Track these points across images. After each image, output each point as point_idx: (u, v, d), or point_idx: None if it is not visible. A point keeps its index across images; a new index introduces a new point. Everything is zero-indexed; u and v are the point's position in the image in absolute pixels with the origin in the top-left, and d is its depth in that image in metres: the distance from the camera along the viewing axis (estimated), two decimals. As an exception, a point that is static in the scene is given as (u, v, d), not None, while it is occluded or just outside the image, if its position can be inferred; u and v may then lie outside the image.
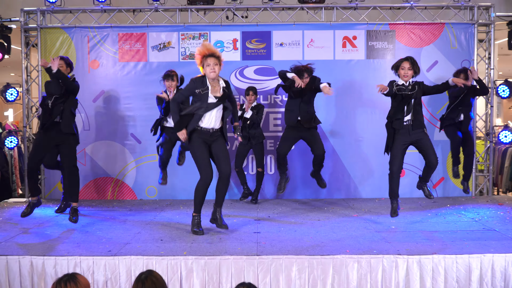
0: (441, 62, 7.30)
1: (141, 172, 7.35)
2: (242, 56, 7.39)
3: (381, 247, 4.53)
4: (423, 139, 5.37)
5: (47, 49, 7.36)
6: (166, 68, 7.25)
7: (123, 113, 7.35)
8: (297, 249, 4.45)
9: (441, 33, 7.36)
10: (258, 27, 7.36)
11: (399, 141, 5.36)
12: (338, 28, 7.36)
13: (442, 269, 4.22)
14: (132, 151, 7.37)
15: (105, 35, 7.37)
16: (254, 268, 4.20)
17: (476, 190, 7.43)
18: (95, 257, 4.26)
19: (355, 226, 5.44)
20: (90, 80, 7.34)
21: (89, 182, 7.37)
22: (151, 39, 7.38)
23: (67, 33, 7.36)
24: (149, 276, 2.88)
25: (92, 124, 7.37)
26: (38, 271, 4.21)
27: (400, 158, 5.37)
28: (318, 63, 6.46)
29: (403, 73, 5.31)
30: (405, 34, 7.39)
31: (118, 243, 4.70)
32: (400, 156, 5.37)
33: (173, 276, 4.19)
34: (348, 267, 4.21)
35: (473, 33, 7.35)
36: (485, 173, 7.62)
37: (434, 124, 7.19)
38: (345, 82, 7.28)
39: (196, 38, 7.39)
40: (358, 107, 7.35)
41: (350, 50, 7.38)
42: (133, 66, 7.40)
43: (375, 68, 7.38)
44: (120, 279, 4.22)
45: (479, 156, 7.60)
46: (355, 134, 7.38)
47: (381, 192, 7.34)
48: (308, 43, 7.37)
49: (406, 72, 5.29)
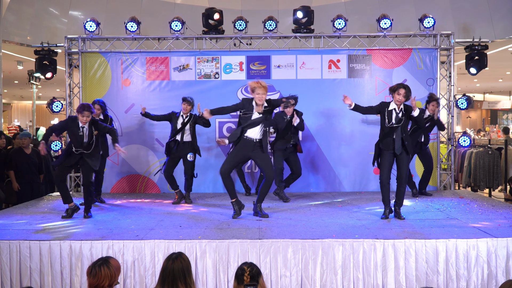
0: (409, 80, 7.17)
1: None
2: (247, 75, 7.31)
3: (361, 232, 4.40)
4: (402, 157, 5.02)
5: (87, 70, 7.29)
6: (186, 85, 7.22)
7: (149, 122, 7.23)
8: (292, 234, 4.33)
9: (409, 56, 7.27)
10: (260, 52, 7.29)
11: (385, 156, 5.04)
12: (325, 53, 7.28)
13: (413, 252, 4.08)
14: (156, 152, 7.26)
15: (135, 59, 7.30)
16: (257, 250, 4.09)
17: (440, 185, 7.31)
18: (125, 241, 4.14)
19: (339, 215, 5.31)
20: (123, 95, 7.27)
21: (121, 179, 7.27)
22: (172, 62, 7.30)
23: (104, 56, 7.29)
24: (179, 257, 2.82)
25: (124, 131, 7.27)
26: (76, 253, 4.09)
27: (388, 169, 5.03)
28: (308, 81, 6.45)
29: (398, 98, 4.90)
30: (379, 58, 7.30)
31: (144, 229, 4.58)
32: (387, 167, 5.03)
33: (190, 256, 4.06)
34: (334, 249, 4.09)
35: (436, 56, 7.25)
36: (448, 171, 7.49)
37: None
38: (330, 97, 7.20)
39: (209, 61, 7.32)
40: (341, 117, 7.25)
41: (334, 70, 7.29)
42: (158, 84, 7.31)
43: (355, 85, 7.30)
44: (146, 259, 4.10)
45: (443, 157, 7.48)
46: (339, 138, 7.28)
47: (361, 187, 7.25)
48: (300, 65, 7.28)
49: (401, 98, 4.90)
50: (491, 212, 5.32)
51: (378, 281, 4.06)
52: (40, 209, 5.73)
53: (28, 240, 4.15)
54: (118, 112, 7.17)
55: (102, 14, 9.35)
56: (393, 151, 5.00)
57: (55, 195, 6.87)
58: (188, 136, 6.08)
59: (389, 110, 4.99)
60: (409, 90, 4.92)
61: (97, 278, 2.74)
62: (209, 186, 7.28)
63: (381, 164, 5.09)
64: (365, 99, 7.05)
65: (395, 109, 4.97)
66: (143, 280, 4.08)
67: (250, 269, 2.65)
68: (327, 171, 7.28)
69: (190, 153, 6.02)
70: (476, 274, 4.06)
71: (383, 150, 5.05)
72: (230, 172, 5.09)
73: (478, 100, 21.52)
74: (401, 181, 5.07)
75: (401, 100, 4.92)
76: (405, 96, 4.91)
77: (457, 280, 4.07)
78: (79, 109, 5.12)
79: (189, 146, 6.08)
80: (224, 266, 4.08)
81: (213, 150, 7.30)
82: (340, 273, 4.06)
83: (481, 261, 4.06)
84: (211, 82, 7.29)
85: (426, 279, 4.06)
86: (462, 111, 15.20)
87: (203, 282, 4.07)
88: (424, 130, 6.28)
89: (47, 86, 16.02)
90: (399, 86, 4.93)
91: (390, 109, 4.99)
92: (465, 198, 6.41)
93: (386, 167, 5.04)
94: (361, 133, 7.24)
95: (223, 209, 5.72)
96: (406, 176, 5.08)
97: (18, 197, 6.62)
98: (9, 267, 4.10)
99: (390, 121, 4.97)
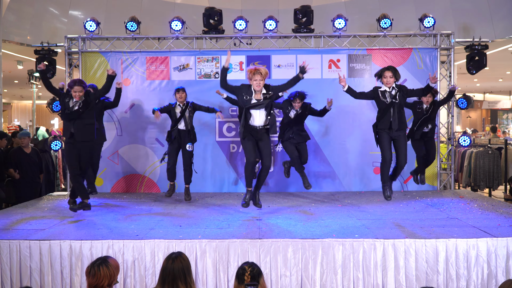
0: (409, 80, 7.18)
1: (163, 169, 7.18)
2: (247, 75, 7.28)
3: (361, 232, 4.40)
4: (400, 140, 5.11)
5: (87, 70, 7.28)
6: (186, 85, 7.18)
7: (149, 122, 7.25)
8: (292, 234, 4.33)
9: (409, 56, 7.26)
10: (260, 52, 7.29)
11: (383, 136, 5.12)
12: (325, 52, 7.27)
13: (413, 251, 4.08)
14: (156, 152, 7.24)
15: (135, 58, 7.29)
16: (257, 250, 4.09)
17: (440, 185, 7.30)
18: (125, 241, 4.15)
19: (339, 214, 5.31)
20: (123, 95, 7.06)
21: (121, 178, 7.26)
22: (173, 62, 7.29)
23: (104, 56, 7.28)
24: (179, 257, 2.82)
25: (124, 131, 7.27)
26: (76, 253, 4.10)
27: (389, 148, 5.11)
28: (308, 81, 6.40)
29: (385, 81, 5.06)
30: (379, 57, 7.29)
31: (144, 229, 4.58)
32: (388, 146, 5.11)
33: (190, 256, 4.06)
34: (334, 249, 4.09)
35: (436, 56, 7.24)
36: (448, 171, 7.48)
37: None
38: (330, 96, 7.12)
39: (209, 61, 7.31)
40: (341, 117, 7.24)
41: (334, 70, 7.27)
42: (158, 84, 7.31)
43: (355, 85, 7.21)
44: (146, 258, 4.11)
45: (443, 156, 7.48)
46: (339, 138, 7.27)
47: (361, 186, 7.24)
48: (300, 65, 7.25)
49: (388, 80, 5.04)
50: (491, 212, 5.32)
51: (378, 281, 4.06)
52: (40, 208, 5.73)
53: (28, 239, 4.15)
54: (118, 111, 7.14)
55: (102, 14, 9.35)
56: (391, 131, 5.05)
57: (55, 195, 6.88)
58: (186, 124, 6.14)
59: (381, 91, 5.12)
60: (394, 69, 5.06)
61: (96, 278, 2.74)
62: (209, 186, 7.28)
63: (382, 144, 5.13)
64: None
65: (387, 90, 5.10)
66: (143, 279, 4.09)
67: (251, 269, 2.65)
68: (327, 170, 7.27)
69: (189, 143, 6.13)
70: (476, 273, 4.06)
71: (380, 130, 5.12)
72: (256, 159, 5.14)
73: (478, 100, 21.52)
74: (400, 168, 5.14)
75: (390, 81, 5.04)
76: (393, 77, 5.03)
77: (457, 280, 4.07)
78: (70, 84, 5.19)
79: (188, 135, 6.14)
80: (224, 265, 4.08)
81: (213, 150, 7.30)
82: (340, 272, 4.06)
83: (481, 260, 4.06)
84: (211, 82, 7.28)
85: (426, 279, 4.06)
86: (462, 111, 15.21)
87: (203, 281, 4.07)
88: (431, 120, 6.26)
89: (47, 85, 15.99)
90: (383, 70, 5.09)
91: (383, 89, 5.12)
92: (465, 198, 6.40)
93: (388, 146, 5.10)
94: (361, 133, 7.23)
95: (223, 209, 5.73)
96: (405, 159, 5.10)
97: (17, 197, 6.62)
98: (9, 267, 4.10)
99: (384, 98, 5.08)
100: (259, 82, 4.92)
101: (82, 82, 5.23)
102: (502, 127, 21.18)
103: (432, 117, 6.29)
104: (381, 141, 5.15)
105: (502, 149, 8.26)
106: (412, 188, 7.18)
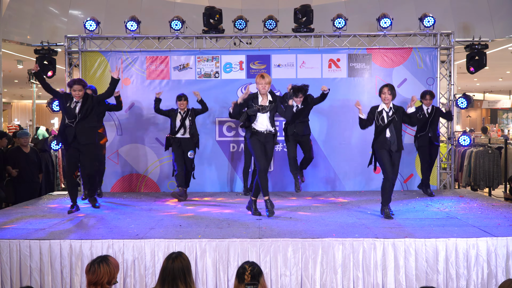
0: (409, 80, 7.20)
1: (163, 169, 7.26)
2: (247, 75, 7.30)
3: (361, 231, 4.40)
4: (395, 155, 5.13)
5: (87, 69, 7.28)
6: (186, 84, 7.22)
7: (149, 121, 7.25)
8: (292, 233, 4.33)
9: (409, 55, 7.26)
10: (260, 51, 7.28)
11: (383, 153, 5.11)
12: (325, 52, 7.27)
13: (413, 251, 4.08)
14: (156, 152, 7.25)
15: (135, 58, 7.29)
16: (257, 249, 4.09)
17: (440, 185, 7.31)
18: (125, 240, 4.14)
19: (339, 214, 5.31)
20: (123, 94, 7.17)
21: (121, 178, 7.26)
22: (172, 61, 7.29)
23: (104, 56, 7.28)
24: (179, 256, 2.82)
25: (124, 130, 7.27)
26: (76, 253, 4.09)
27: (390, 164, 5.10)
28: (308, 81, 6.40)
29: (383, 97, 5.11)
30: (379, 57, 7.29)
31: (144, 228, 4.58)
32: (389, 163, 5.10)
33: (190, 255, 4.06)
34: (334, 248, 4.09)
35: (436, 56, 7.24)
36: (448, 170, 7.49)
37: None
38: (330, 96, 7.04)
39: (209, 60, 7.31)
40: (341, 117, 7.24)
41: (334, 70, 7.28)
42: (158, 83, 7.30)
43: (355, 84, 7.30)
44: (146, 258, 4.10)
45: (443, 156, 7.49)
46: (339, 138, 7.28)
47: (360, 186, 7.25)
48: (300, 64, 7.28)
49: (386, 96, 5.08)
50: (491, 211, 5.32)
51: (378, 280, 4.06)
52: (40, 208, 5.73)
53: (28, 239, 4.15)
54: (118, 111, 7.11)
55: (102, 13, 9.35)
56: (389, 150, 5.09)
57: (55, 194, 6.87)
58: (188, 132, 6.23)
59: (378, 111, 5.17)
60: (391, 87, 5.13)
61: (96, 275, 2.74)
62: (209, 186, 7.28)
63: (383, 162, 5.14)
64: (365, 98, 7.05)
65: (384, 109, 5.15)
66: (143, 279, 4.08)
67: (251, 268, 2.65)
68: (327, 170, 7.27)
69: (191, 151, 6.21)
70: (476, 273, 4.06)
71: (378, 149, 5.14)
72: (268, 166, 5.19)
73: (478, 100, 21.52)
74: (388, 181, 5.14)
75: (387, 98, 5.09)
76: (390, 94, 5.08)
77: (457, 279, 4.07)
78: (69, 83, 5.21)
79: (190, 142, 6.23)
80: (224, 265, 4.08)
81: (213, 150, 7.30)
82: (340, 272, 4.06)
83: (481, 260, 4.06)
84: (211, 82, 7.29)
85: (426, 278, 4.06)
86: (462, 110, 15.20)
87: (203, 281, 4.07)
88: (433, 127, 6.44)
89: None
90: (382, 87, 5.17)
91: (380, 109, 5.17)
92: (465, 197, 6.40)
93: (388, 163, 5.11)
94: (361, 132, 7.20)
95: (223, 208, 5.72)
96: (396, 175, 5.20)
97: (17, 197, 6.61)
98: (9, 266, 4.10)
99: (381, 120, 5.13)
100: (265, 86, 5.10)
101: (81, 81, 5.25)
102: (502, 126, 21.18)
103: (435, 121, 6.47)
104: (381, 159, 5.12)
105: (502, 148, 8.27)
106: (412, 188, 7.18)
